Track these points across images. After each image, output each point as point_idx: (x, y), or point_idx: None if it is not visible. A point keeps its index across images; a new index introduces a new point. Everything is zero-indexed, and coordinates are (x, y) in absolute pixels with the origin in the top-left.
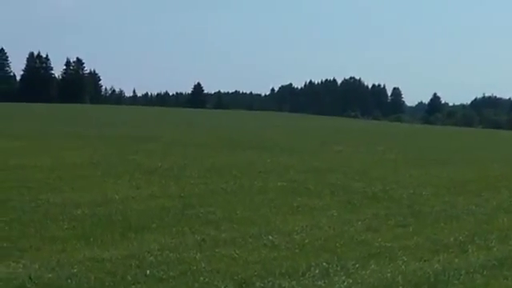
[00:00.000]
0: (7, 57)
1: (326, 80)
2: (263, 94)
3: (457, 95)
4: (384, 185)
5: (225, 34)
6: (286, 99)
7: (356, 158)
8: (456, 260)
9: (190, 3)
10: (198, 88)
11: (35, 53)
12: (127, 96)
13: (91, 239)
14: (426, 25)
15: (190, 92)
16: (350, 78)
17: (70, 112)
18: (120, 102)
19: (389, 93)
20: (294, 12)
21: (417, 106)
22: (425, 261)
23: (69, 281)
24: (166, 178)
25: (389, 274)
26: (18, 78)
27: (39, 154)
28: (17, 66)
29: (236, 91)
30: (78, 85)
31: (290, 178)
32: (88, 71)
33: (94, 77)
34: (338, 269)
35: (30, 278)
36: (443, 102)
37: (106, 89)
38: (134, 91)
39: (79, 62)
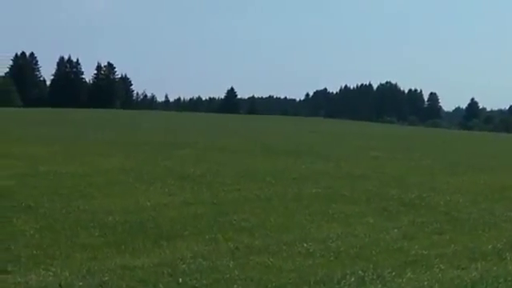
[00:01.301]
0: (37, 61)
1: (362, 85)
2: (298, 99)
3: (495, 100)
4: (420, 191)
5: (258, 37)
6: (321, 104)
7: (392, 164)
8: (494, 268)
9: (223, 6)
10: (231, 93)
11: (65, 57)
12: (159, 101)
13: (123, 247)
14: (464, 28)
15: (223, 97)
16: (386, 82)
17: (100, 117)
18: (152, 107)
19: (425, 98)
20: (330, 15)
21: (454, 111)
22: (462, 269)
23: None
24: (199, 184)
25: (425, 283)
26: (48, 82)
27: (70, 160)
28: (47, 71)
29: (270, 96)
30: (109, 90)
31: (325, 184)
32: (119, 76)
33: (125, 81)
34: (374, 277)
35: (61, 286)
36: (481, 107)
37: (137, 94)
38: (166, 96)
39: (110, 66)
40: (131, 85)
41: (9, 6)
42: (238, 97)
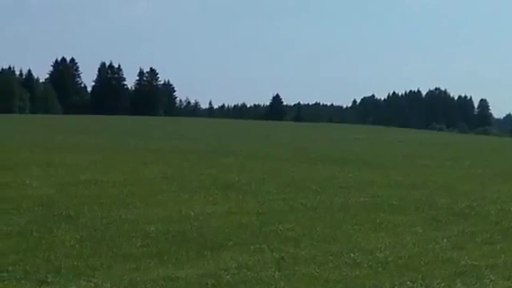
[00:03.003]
0: (78, 67)
1: (410, 91)
2: (345, 106)
3: None
4: (471, 200)
5: (305, 43)
6: (369, 111)
7: (441, 172)
8: None
9: (268, 11)
10: (276, 100)
11: (107, 63)
12: (203, 108)
13: (165, 257)
14: None
15: (268, 104)
16: (435, 89)
17: (143, 124)
18: (195, 114)
19: (475, 104)
20: (377, 21)
21: (505, 118)
22: None
23: None
24: (244, 193)
25: None
26: (89, 89)
27: (111, 169)
28: (88, 77)
29: (316, 103)
30: (152, 96)
31: (372, 193)
32: (162, 82)
33: (168, 88)
34: None
35: None
36: None
37: (180, 100)
38: (210, 103)
39: (153, 72)
40: (174, 91)
41: (49, 12)
42: (284, 104)
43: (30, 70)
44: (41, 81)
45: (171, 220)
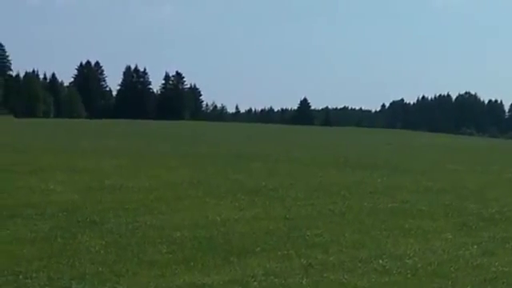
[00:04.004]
0: (103, 71)
1: (440, 95)
2: (373, 110)
3: None
4: (501, 206)
5: (333, 46)
6: (398, 115)
7: (471, 177)
8: None
9: (296, 14)
10: (304, 104)
11: (132, 66)
12: (229, 112)
13: (191, 263)
14: None
15: (295, 108)
16: (465, 93)
17: (168, 129)
18: (222, 119)
19: (506, 108)
20: (406, 24)
21: None
22: None
23: None
24: (271, 198)
25: None
26: (115, 93)
27: (137, 174)
28: (113, 81)
29: (345, 107)
30: (178, 100)
31: (401, 198)
32: (188, 86)
33: (194, 92)
34: None
35: None
36: None
37: (206, 104)
38: (237, 107)
39: (179, 76)
40: (200, 95)
41: (73, 15)
42: (312, 108)
43: (54, 74)
44: (65, 84)
45: (197, 226)
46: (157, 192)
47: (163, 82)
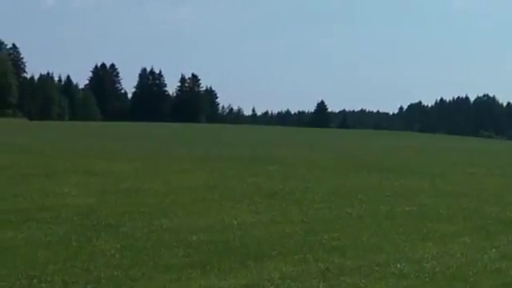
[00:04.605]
0: (118, 73)
1: (458, 98)
2: (391, 113)
3: None
4: None
5: (350, 49)
6: (416, 118)
7: (490, 180)
8: None
9: (312, 16)
10: (321, 106)
11: (148, 69)
12: (246, 115)
13: (208, 267)
14: None
15: (312, 111)
16: (484, 95)
17: (184, 131)
18: (238, 121)
19: None
20: (424, 26)
21: None
22: None
23: None
24: (288, 201)
25: None
26: (130, 95)
27: (152, 177)
28: (128, 83)
29: (362, 110)
30: (194, 102)
31: (419, 202)
32: (204, 88)
33: (210, 94)
34: None
35: None
36: None
37: (223, 107)
38: (254, 109)
39: (195, 78)
40: (217, 98)
41: (88, 17)
42: (329, 110)
43: (68, 76)
44: (80, 87)
45: (213, 229)
46: (173, 195)
47: (179, 84)
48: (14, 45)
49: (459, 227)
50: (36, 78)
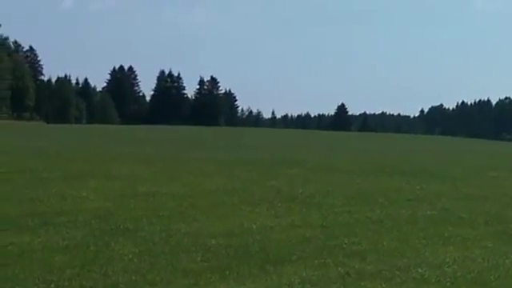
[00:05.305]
0: (136, 75)
1: (480, 100)
2: (412, 116)
3: None
4: None
5: (370, 51)
6: (437, 121)
7: None
8: None
9: (333, 18)
10: (341, 109)
11: (166, 71)
12: (265, 118)
13: (227, 272)
14: None
15: (333, 114)
16: (506, 98)
17: (203, 135)
18: (258, 124)
19: None
20: (446, 28)
21: None
22: None
23: None
24: (308, 205)
25: None
26: (148, 98)
27: (171, 180)
28: (146, 86)
29: (382, 113)
30: (213, 105)
31: (440, 206)
32: (223, 91)
33: (229, 97)
34: None
35: None
36: None
37: (242, 110)
38: (273, 112)
39: (214, 80)
40: (236, 100)
41: (106, 19)
42: (349, 113)
43: (86, 79)
44: (98, 89)
45: (233, 233)
46: (191, 199)
47: (198, 86)
48: (31, 47)
49: (480, 231)
50: (53, 80)
